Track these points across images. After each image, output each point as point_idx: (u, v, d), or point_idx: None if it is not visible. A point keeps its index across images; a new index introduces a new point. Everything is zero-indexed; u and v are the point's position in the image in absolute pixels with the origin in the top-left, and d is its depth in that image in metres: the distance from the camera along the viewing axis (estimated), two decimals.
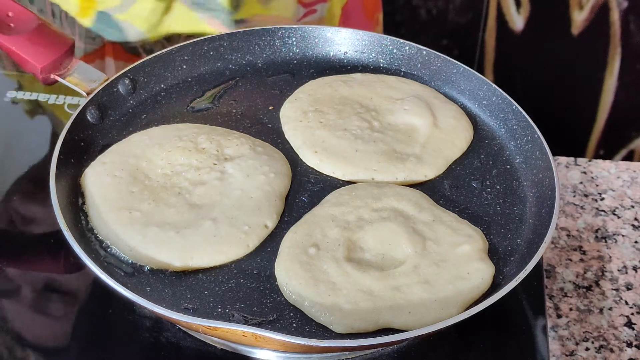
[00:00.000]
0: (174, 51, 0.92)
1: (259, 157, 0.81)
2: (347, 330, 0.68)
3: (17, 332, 0.76)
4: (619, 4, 1.79)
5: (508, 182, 0.83)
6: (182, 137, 0.82)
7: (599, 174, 0.98)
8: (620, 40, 1.83)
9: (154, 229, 0.74)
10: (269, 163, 0.81)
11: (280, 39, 0.96)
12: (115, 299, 0.73)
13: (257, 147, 0.82)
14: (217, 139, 0.82)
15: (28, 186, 0.89)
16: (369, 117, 0.87)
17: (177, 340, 0.74)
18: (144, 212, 0.75)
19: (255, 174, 0.79)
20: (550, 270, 0.87)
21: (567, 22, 1.84)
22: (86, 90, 0.85)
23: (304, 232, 0.75)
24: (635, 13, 1.80)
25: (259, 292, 0.71)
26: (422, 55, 0.94)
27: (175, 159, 0.80)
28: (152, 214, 0.75)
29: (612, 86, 1.88)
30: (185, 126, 0.85)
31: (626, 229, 0.92)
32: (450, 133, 0.86)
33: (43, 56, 0.84)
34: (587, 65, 1.88)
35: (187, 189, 0.78)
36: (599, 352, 0.80)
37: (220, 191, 0.78)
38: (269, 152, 0.82)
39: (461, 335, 0.75)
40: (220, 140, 0.82)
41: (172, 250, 0.73)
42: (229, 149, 0.81)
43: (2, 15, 0.85)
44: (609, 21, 1.81)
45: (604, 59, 1.86)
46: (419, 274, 0.71)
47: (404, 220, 0.75)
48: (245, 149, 0.82)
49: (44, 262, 0.83)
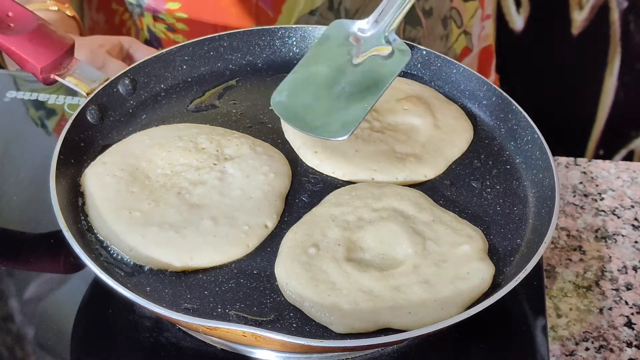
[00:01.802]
0: (174, 51, 0.92)
1: (259, 157, 0.81)
2: (347, 330, 0.68)
3: (17, 332, 0.76)
4: (619, 4, 1.79)
5: (508, 182, 0.83)
6: (182, 137, 0.82)
7: (598, 174, 0.98)
8: (620, 40, 1.83)
9: (153, 229, 0.74)
10: (269, 163, 0.81)
11: (280, 39, 0.96)
12: (115, 299, 0.73)
13: (257, 147, 0.82)
14: (217, 139, 0.82)
15: (28, 186, 0.89)
16: (369, 117, 0.87)
17: (177, 340, 0.74)
18: (143, 212, 0.75)
19: (255, 174, 0.79)
20: (550, 270, 0.87)
21: (567, 22, 1.84)
22: (86, 90, 0.85)
23: (304, 232, 0.75)
24: (635, 13, 1.80)
25: (259, 292, 0.71)
26: (422, 55, 0.94)
27: (175, 159, 0.80)
28: (152, 214, 0.75)
29: (612, 86, 1.88)
30: (186, 126, 0.85)
31: (626, 229, 0.92)
32: (450, 133, 0.86)
33: (43, 56, 0.84)
34: (587, 65, 1.88)
35: (187, 189, 0.78)
36: (598, 352, 0.80)
37: (220, 191, 0.78)
38: (268, 152, 0.82)
39: (461, 335, 0.75)
40: (220, 140, 0.82)
41: (172, 250, 0.73)
42: (229, 149, 0.81)
43: (2, 15, 0.85)
44: (609, 21, 1.81)
45: (604, 59, 1.86)
46: (419, 274, 0.71)
47: (404, 220, 0.75)
48: (245, 149, 0.82)
49: (44, 262, 0.83)
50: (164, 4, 1.09)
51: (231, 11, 1.09)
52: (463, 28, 1.20)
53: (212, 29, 1.10)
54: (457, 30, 1.20)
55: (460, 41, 1.21)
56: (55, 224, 0.72)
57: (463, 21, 1.20)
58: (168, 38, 1.13)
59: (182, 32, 1.12)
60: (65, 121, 0.93)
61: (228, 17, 1.09)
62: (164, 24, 1.12)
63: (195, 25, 1.10)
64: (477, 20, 1.23)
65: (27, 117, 1.00)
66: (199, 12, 1.10)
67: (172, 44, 1.06)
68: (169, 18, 1.11)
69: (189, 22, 1.10)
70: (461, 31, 1.20)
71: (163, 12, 1.10)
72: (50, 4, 0.99)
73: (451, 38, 1.19)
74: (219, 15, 1.09)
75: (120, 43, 1.00)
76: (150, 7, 1.11)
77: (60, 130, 0.82)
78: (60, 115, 0.99)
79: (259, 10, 1.09)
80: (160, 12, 1.11)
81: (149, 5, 1.11)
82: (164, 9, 1.10)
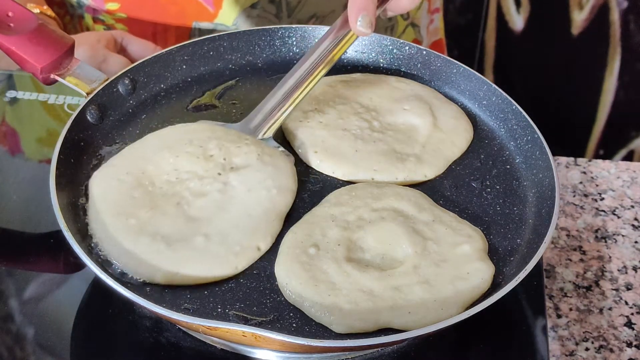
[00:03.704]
0: (174, 51, 0.92)
1: (265, 169, 0.79)
2: (347, 330, 0.68)
3: (17, 332, 0.76)
4: (619, 4, 1.79)
5: (508, 182, 0.83)
6: (193, 141, 0.81)
7: (598, 174, 0.98)
8: (620, 40, 1.83)
9: (145, 239, 0.73)
10: (273, 176, 0.79)
11: (280, 39, 0.96)
12: (115, 299, 0.73)
13: (265, 157, 0.80)
14: (227, 146, 0.80)
15: (28, 186, 0.89)
16: (369, 117, 0.87)
17: (177, 340, 0.74)
18: (140, 219, 0.74)
19: (258, 189, 0.77)
20: (550, 270, 0.87)
21: (567, 22, 1.84)
22: (86, 90, 0.85)
23: (303, 232, 0.75)
24: (635, 13, 1.80)
25: (259, 292, 0.71)
26: (422, 55, 0.94)
27: (182, 165, 0.79)
28: (147, 223, 0.74)
29: (612, 86, 1.89)
30: (201, 128, 0.83)
31: (626, 229, 0.92)
32: (450, 133, 0.86)
33: (43, 56, 0.84)
34: (587, 65, 1.88)
35: (187, 199, 0.76)
36: (598, 352, 0.80)
37: (220, 205, 0.76)
38: (276, 163, 0.80)
39: (461, 335, 0.75)
40: (230, 147, 0.80)
41: (158, 263, 0.71)
42: (237, 158, 0.79)
43: (2, 15, 0.85)
44: (609, 21, 1.82)
45: (604, 59, 1.86)
46: (419, 274, 0.71)
47: (404, 220, 0.75)
48: (253, 158, 0.79)
49: (44, 262, 0.83)
50: (103, 4, 1.09)
51: (170, 9, 1.09)
52: (410, 20, 1.20)
53: (152, 27, 1.10)
54: (404, 22, 1.19)
55: (408, 33, 1.20)
56: (55, 224, 0.72)
57: (409, 13, 1.20)
58: None
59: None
60: (5, 126, 0.93)
61: (167, 16, 1.09)
62: (104, 25, 1.11)
63: (135, 24, 1.10)
64: (424, 12, 1.23)
65: (27, 117, 1.00)
66: (138, 12, 1.10)
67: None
68: (108, 19, 1.11)
69: (129, 22, 1.10)
70: (408, 23, 1.20)
71: (103, 13, 1.10)
72: (32, 6, 0.99)
73: (397, 29, 1.18)
74: (158, 14, 1.09)
75: (113, 37, 1.00)
76: (90, 9, 1.11)
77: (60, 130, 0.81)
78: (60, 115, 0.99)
79: (198, 6, 1.08)
80: (100, 13, 1.11)
81: (89, 6, 1.11)
82: (104, 10, 1.10)
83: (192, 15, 1.09)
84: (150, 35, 1.10)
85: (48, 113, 0.99)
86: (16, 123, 0.97)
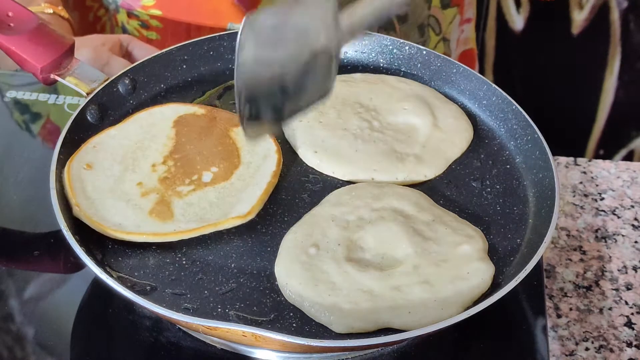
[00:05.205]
0: (174, 51, 0.92)
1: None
2: (347, 330, 0.68)
3: (17, 332, 0.76)
4: (619, 4, 1.79)
5: (508, 182, 0.83)
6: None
7: (598, 174, 0.98)
8: (620, 40, 1.83)
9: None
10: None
11: None
12: (115, 299, 0.73)
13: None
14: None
15: (28, 186, 0.89)
16: (369, 117, 0.87)
17: (177, 340, 0.74)
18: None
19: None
20: (550, 270, 0.87)
21: (567, 22, 1.84)
22: (86, 90, 0.85)
23: (304, 232, 0.75)
24: (635, 13, 1.80)
25: (259, 292, 0.71)
26: (422, 55, 0.94)
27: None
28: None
29: (612, 86, 1.88)
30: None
31: (626, 229, 0.92)
32: (450, 133, 0.86)
33: (43, 56, 0.84)
34: (587, 65, 1.88)
35: None
36: (598, 352, 0.80)
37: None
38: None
39: (461, 335, 0.75)
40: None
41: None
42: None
43: (2, 15, 0.85)
44: (609, 21, 1.81)
45: (604, 58, 1.86)
46: (419, 274, 0.71)
47: (404, 220, 0.75)
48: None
49: (44, 262, 0.83)
50: (139, 0, 1.10)
51: (205, 9, 1.09)
52: (442, 35, 1.21)
53: (186, 27, 1.10)
54: (436, 37, 1.20)
55: (439, 48, 1.21)
56: (55, 224, 0.72)
57: (442, 28, 1.20)
58: (141, 35, 1.13)
59: (155, 29, 1.12)
60: (50, 124, 0.93)
61: (202, 15, 1.09)
62: (138, 20, 1.12)
63: (169, 23, 1.10)
64: (456, 26, 1.24)
65: (27, 117, 1.00)
66: (172, 8, 1.10)
67: (144, 40, 1.06)
68: (143, 15, 1.11)
69: (163, 19, 1.10)
70: (440, 38, 1.21)
71: (138, 9, 1.11)
72: (45, 6, 0.99)
73: (429, 45, 1.19)
74: (192, 13, 1.09)
75: (119, 41, 1.00)
76: (125, 3, 1.12)
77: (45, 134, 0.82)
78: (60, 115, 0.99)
79: (234, 8, 1.08)
80: (135, 9, 1.11)
81: (125, 1, 1.11)
82: (139, 6, 1.10)
83: (227, 16, 1.09)
84: (184, 33, 1.10)
85: None
86: (60, 121, 0.97)
